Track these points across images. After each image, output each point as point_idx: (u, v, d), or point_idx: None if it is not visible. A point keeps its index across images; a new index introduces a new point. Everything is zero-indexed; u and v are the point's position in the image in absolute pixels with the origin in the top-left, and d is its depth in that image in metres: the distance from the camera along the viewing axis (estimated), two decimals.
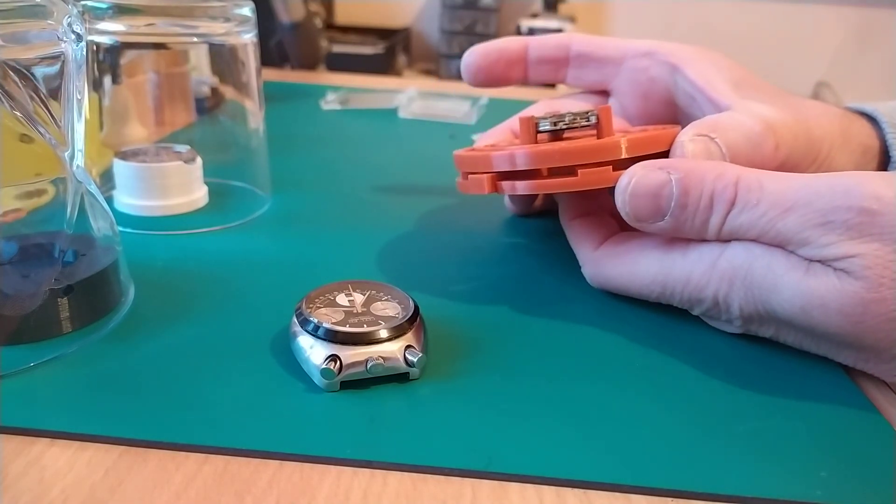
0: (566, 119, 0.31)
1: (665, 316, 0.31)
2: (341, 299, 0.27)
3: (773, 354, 0.29)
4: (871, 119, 0.36)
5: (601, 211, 0.34)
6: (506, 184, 0.30)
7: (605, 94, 0.41)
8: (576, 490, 0.21)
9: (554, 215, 0.38)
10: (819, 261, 0.25)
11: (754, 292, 0.26)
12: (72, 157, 0.28)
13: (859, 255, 0.24)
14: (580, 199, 0.34)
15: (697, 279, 0.28)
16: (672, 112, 0.38)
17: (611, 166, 0.29)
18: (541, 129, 0.31)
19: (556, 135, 0.32)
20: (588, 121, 0.30)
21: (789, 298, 0.25)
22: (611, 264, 0.31)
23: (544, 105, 0.40)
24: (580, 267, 0.33)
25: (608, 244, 0.32)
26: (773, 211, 0.25)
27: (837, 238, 0.24)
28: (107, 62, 0.40)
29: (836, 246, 0.24)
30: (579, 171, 0.28)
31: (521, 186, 0.30)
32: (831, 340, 0.26)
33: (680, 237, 0.29)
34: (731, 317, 0.28)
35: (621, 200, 0.28)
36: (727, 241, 0.27)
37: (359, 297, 0.28)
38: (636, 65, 0.37)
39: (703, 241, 0.28)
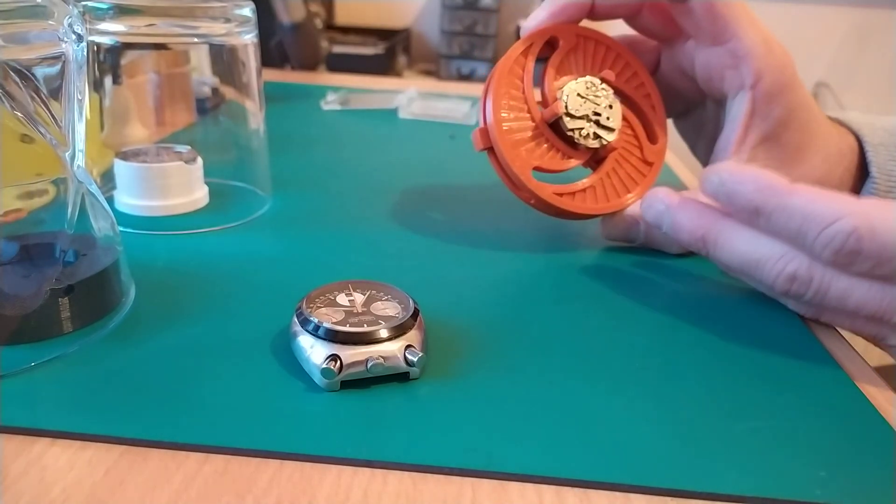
0: (581, 132, 0.36)
1: (665, 315, 0.31)
2: (341, 299, 0.28)
3: (773, 354, 0.29)
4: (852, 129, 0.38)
5: None
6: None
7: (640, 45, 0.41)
8: (576, 490, 0.21)
9: (544, 217, 0.38)
10: None
11: None
12: (72, 158, 0.28)
13: None
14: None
15: None
16: (687, 89, 0.40)
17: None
18: (568, 128, 0.36)
19: (568, 139, 0.37)
20: (601, 141, 0.36)
21: None
22: (889, 216, 0.26)
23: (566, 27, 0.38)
24: (825, 227, 0.27)
25: (871, 199, 0.27)
26: None
27: None
28: (107, 62, 0.40)
29: None
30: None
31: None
32: None
33: None
34: None
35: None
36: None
37: (359, 297, 0.28)
38: (720, 57, 0.36)
39: None
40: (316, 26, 0.89)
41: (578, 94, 0.36)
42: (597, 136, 0.36)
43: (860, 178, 0.39)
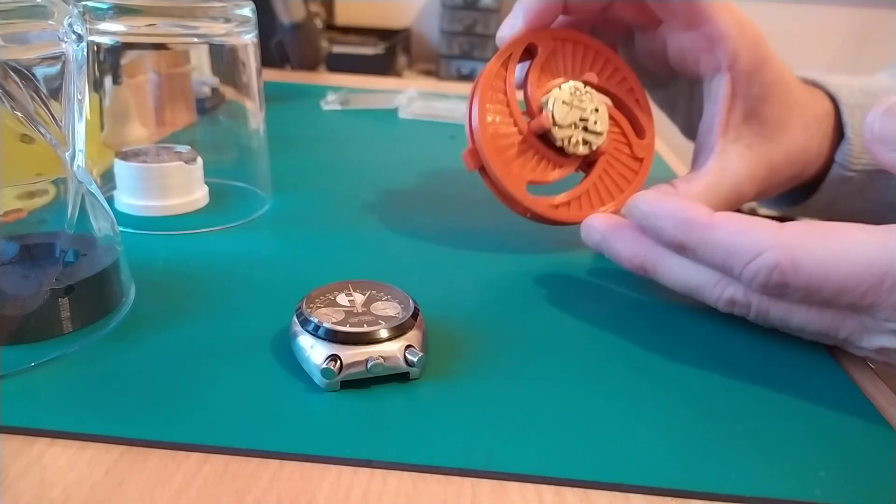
0: (570, 140, 0.36)
1: (665, 315, 0.31)
2: (341, 299, 0.28)
3: (772, 354, 0.29)
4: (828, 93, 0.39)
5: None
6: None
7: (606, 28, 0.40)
8: (576, 489, 0.21)
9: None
10: None
11: None
12: (72, 158, 0.28)
13: None
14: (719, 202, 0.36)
15: None
16: (659, 70, 0.40)
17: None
18: (557, 138, 0.36)
19: (558, 148, 0.37)
20: (589, 147, 0.37)
21: None
22: (811, 246, 0.25)
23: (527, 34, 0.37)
24: (747, 262, 0.26)
25: (794, 225, 0.27)
26: None
27: None
28: (107, 62, 0.40)
29: None
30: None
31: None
32: None
33: None
34: None
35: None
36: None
37: (359, 297, 0.28)
38: (694, 41, 0.36)
39: None
40: (316, 26, 0.89)
41: (563, 102, 0.36)
42: (586, 143, 0.36)
43: (836, 140, 0.39)
